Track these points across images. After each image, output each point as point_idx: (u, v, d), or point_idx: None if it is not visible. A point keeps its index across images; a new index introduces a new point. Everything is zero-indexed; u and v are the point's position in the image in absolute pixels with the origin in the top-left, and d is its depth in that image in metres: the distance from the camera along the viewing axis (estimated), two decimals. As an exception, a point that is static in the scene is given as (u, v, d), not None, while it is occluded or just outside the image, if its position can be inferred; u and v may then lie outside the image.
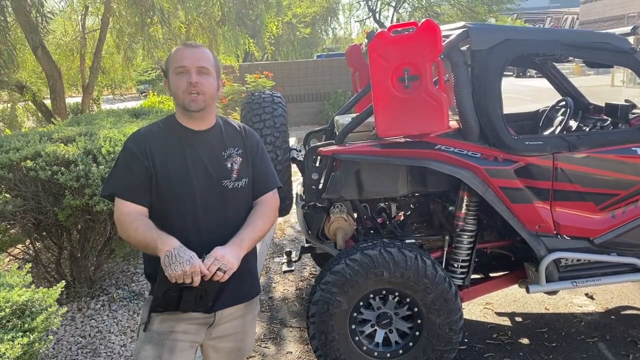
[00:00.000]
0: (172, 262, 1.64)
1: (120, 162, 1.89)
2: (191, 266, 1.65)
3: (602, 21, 30.79)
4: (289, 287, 4.52)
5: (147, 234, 1.75)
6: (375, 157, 3.01)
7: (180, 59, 1.83)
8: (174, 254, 1.66)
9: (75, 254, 3.96)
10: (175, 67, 1.84)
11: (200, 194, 1.87)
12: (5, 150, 3.54)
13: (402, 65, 2.75)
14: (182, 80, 1.82)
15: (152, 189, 1.86)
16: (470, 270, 3.25)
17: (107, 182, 1.91)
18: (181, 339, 1.90)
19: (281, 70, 14.26)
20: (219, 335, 2.00)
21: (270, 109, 3.27)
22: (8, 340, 2.01)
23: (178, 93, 1.84)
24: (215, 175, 1.90)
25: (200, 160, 1.89)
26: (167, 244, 1.69)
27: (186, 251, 1.69)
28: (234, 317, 2.02)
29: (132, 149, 1.87)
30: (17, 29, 7.78)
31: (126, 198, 1.83)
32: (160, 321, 1.89)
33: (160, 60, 10.46)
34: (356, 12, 26.77)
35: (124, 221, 1.81)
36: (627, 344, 3.39)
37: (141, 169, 1.84)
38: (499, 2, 22.07)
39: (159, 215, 1.87)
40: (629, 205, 3.08)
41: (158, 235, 1.73)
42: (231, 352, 2.07)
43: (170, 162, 1.87)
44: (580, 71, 23.80)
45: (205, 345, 2.02)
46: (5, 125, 11.03)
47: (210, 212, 1.89)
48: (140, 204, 1.84)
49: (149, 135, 1.91)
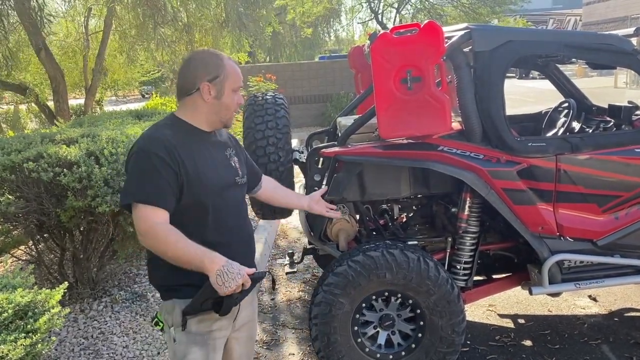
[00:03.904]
0: (225, 280, 1.66)
1: (145, 167, 1.78)
2: (242, 277, 1.69)
3: (605, 22, 30.74)
4: (291, 289, 4.52)
5: (190, 249, 1.70)
6: (377, 159, 3.01)
7: (239, 79, 1.94)
8: (224, 271, 1.67)
9: (77, 255, 3.97)
10: (236, 85, 1.92)
11: (227, 191, 1.95)
12: (7, 152, 3.55)
13: (405, 67, 2.74)
14: (235, 98, 1.93)
15: (185, 192, 1.82)
16: (473, 272, 3.24)
17: (128, 189, 1.81)
18: (219, 337, 1.96)
19: (284, 72, 14.28)
20: (239, 325, 2.06)
21: (272, 110, 3.26)
22: (11, 342, 2.02)
23: (231, 109, 1.93)
24: (232, 172, 2.00)
25: (218, 158, 1.97)
26: (216, 262, 1.68)
27: (233, 265, 1.70)
28: (247, 304, 2.07)
29: (158, 154, 1.78)
30: (21, 30, 7.81)
31: (155, 203, 1.75)
32: (198, 322, 1.90)
33: (163, 62, 10.48)
34: (359, 14, 26.73)
35: (158, 232, 1.72)
36: (630, 346, 3.38)
37: (171, 175, 1.78)
38: (501, 4, 22.02)
39: (194, 216, 1.86)
40: (633, 207, 3.07)
41: (203, 253, 1.70)
42: (249, 340, 2.15)
43: (200, 163, 1.87)
44: (583, 73, 23.74)
45: (230, 338, 2.05)
46: (9, 126, 11.06)
47: (237, 207, 2.00)
48: (167, 210, 1.78)
49: (171, 139, 1.83)
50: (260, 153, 3.13)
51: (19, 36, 8.55)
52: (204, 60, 1.91)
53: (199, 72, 1.87)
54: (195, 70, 1.89)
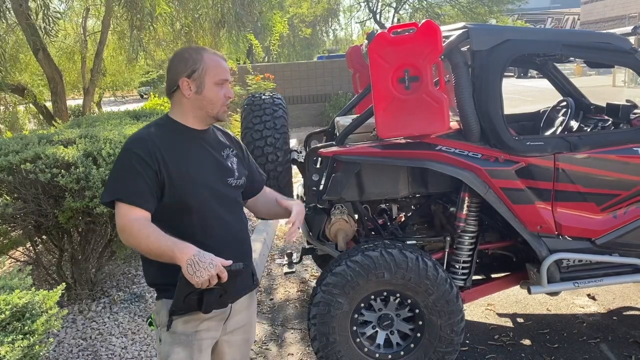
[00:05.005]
0: (196, 270, 1.62)
1: (125, 166, 1.82)
2: (215, 268, 1.64)
3: (603, 21, 30.76)
4: (290, 289, 4.52)
5: (161, 241, 1.70)
6: (376, 159, 3.00)
7: (222, 72, 1.90)
8: (195, 260, 1.63)
9: (76, 256, 3.96)
10: (218, 78, 1.89)
11: (216, 191, 1.91)
12: (5, 152, 3.54)
13: (403, 66, 2.74)
14: (221, 92, 1.90)
15: (166, 192, 1.83)
16: (472, 271, 3.24)
17: (109, 187, 1.84)
18: (205, 337, 1.92)
19: (282, 71, 14.27)
20: (232, 328, 2.03)
21: (270, 110, 3.26)
22: (8, 343, 2.01)
23: (217, 104, 1.90)
24: (223, 173, 1.96)
25: (209, 158, 1.94)
26: (186, 252, 1.66)
27: (205, 255, 1.66)
28: (242, 308, 2.05)
29: (138, 153, 1.80)
30: (19, 31, 7.79)
31: (134, 203, 1.77)
32: (184, 322, 1.88)
33: (162, 62, 10.46)
34: (357, 13, 26.75)
35: (132, 228, 1.74)
36: (629, 345, 3.38)
37: (150, 173, 1.80)
38: (499, 3, 22.05)
39: (179, 216, 1.86)
40: (631, 206, 3.07)
41: (173, 243, 1.69)
42: (242, 344, 2.11)
43: (185, 163, 1.86)
44: (581, 71, 23.76)
45: (220, 340, 2.02)
46: (7, 127, 11.04)
47: (225, 209, 1.94)
48: (147, 210, 1.79)
49: (154, 139, 1.85)
50: (258, 153, 3.13)
51: (17, 37, 8.54)
52: (182, 56, 1.91)
53: (179, 68, 1.88)
54: (176, 67, 1.90)
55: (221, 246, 1.85)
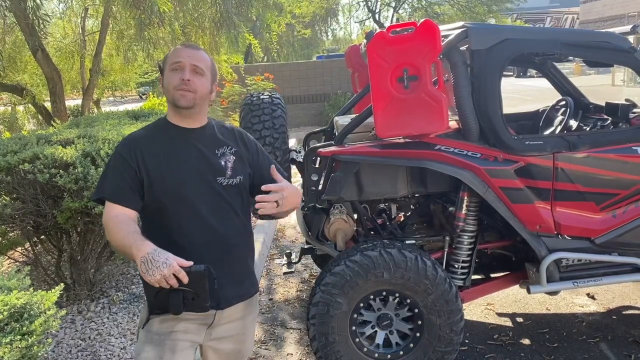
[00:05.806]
0: (148, 268, 1.59)
1: (110, 165, 1.90)
2: (169, 268, 1.59)
3: (602, 21, 30.75)
4: (289, 289, 4.51)
5: (125, 238, 1.70)
6: (374, 158, 3.00)
7: (177, 56, 1.87)
8: (149, 259, 1.60)
9: (75, 256, 3.96)
10: (171, 63, 1.87)
11: (196, 191, 1.87)
12: (3, 153, 3.53)
13: (401, 66, 2.74)
14: (175, 76, 1.85)
15: (145, 191, 1.85)
16: (471, 271, 3.24)
17: (97, 186, 1.92)
18: (181, 339, 1.89)
19: (281, 71, 14.27)
20: (219, 336, 1.99)
21: (269, 110, 3.26)
22: (6, 344, 2.00)
23: (169, 88, 1.86)
24: (210, 172, 1.91)
25: (194, 157, 1.90)
26: (141, 249, 1.63)
27: (161, 253, 1.62)
28: (235, 318, 2.00)
29: (121, 153, 1.87)
30: (18, 31, 7.78)
31: (114, 201, 1.82)
32: (160, 322, 1.88)
33: (160, 62, 10.45)
34: (356, 13, 26.78)
35: (108, 224, 1.80)
36: (628, 344, 3.38)
37: (129, 171, 1.84)
38: (498, 2, 22.02)
39: (157, 216, 1.87)
40: (630, 205, 3.07)
41: (133, 241, 1.68)
42: (231, 354, 2.05)
43: (164, 162, 1.86)
44: (580, 71, 23.77)
45: (205, 346, 2.00)
46: (6, 127, 11.03)
47: (208, 210, 1.89)
48: (128, 207, 1.82)
49: (138, 138, 1.92)
50: (257, 153, 3.12)
51: (16, 37, 8.53)
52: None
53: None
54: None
55: (199, 248, 1.83)
